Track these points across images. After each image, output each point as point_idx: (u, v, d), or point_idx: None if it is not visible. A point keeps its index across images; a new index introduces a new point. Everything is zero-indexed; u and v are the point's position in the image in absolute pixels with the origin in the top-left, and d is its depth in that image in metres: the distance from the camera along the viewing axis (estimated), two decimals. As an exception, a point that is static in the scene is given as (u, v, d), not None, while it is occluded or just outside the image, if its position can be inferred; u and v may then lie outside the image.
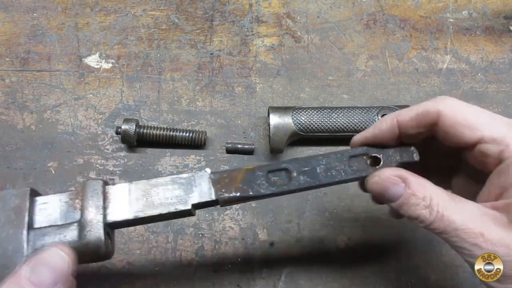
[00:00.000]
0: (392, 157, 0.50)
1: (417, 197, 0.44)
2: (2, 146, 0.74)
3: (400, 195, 0.45)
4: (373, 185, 0.48)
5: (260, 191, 0.49)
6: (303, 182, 0.49)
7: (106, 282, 0.67)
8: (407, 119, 0.47)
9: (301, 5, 0.86)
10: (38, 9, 0.83)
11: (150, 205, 0.48)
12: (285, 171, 0.50)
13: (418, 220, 0.44)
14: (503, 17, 0.86)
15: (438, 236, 0.44)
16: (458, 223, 0.42)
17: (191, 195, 0.48)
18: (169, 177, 0.49)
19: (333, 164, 0.50)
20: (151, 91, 0.78)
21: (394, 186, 0.46)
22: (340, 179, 0.49)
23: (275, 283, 0.67)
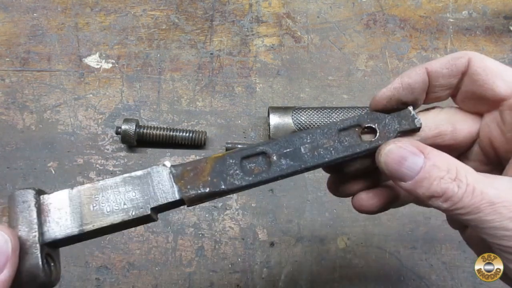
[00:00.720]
0: (389, 126, 0.42)
1: (440, 168, 0.37)
2: (2, 146, 0.74)
3: (419, 168, 0.37)
4: (386, 157, 0.39)
5: (234, 183, 0.41)
6: (286, 167, 0.41)
7: (106, 282, 0.67)
8: (438, 66, 0.41)
9: (301, 5, 0.86)
10: (38, 9, 0.83)
11: (98, 214, 0.39)
12: (263, 155, 0.42)
13: (444, 197, 0.36)
14: (503, 17, 0.86)
15: (465, 219, 0.36)
16: (493, 196, 0.35)
17: (148, 196, 0.40)
18: (120, 176, 0.41)
19: (320, 141, 0.42)
20: (151, 91, 0.78)
21: (412, 157, 0.38)
22: (331, 158, 0.41)
23: (275, 283, 0.67)
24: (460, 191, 0.36)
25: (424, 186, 0.37)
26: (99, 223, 0.39)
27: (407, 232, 0.70)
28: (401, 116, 0.42)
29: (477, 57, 0.40)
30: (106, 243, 0.69)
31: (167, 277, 0.67)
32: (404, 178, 0.38)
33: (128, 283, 0.67)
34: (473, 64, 0.40)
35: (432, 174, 0.37)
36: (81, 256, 0.68)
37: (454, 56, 0.41)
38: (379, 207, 0.45)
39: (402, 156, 0.38)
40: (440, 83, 0.42)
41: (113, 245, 0.69)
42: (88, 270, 0.67)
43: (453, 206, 0.36)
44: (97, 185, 0.40)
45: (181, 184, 0.41)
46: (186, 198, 0.40)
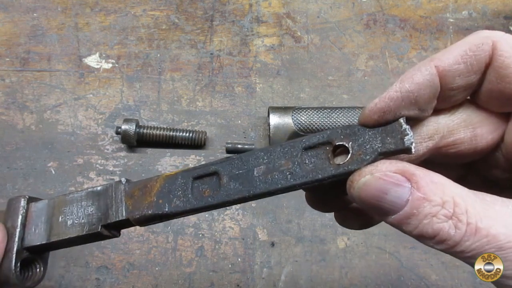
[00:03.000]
0: (367, 145, 0.32)
1: (432, 202, 0.28)
2: (2, 146, 0.74)
3: (404, 202, 0.29)
4: (361, 192, 0.30)
5: (178, 206, 0.37)
6: (233, 192, 0.35)
7: (106, 282, 0.67)
8: (451, 61, 0.30)
9: (301, 5, 0.86)
10: (38, 9, 0.83)
11: (63, 226, 0.40)
12: (216, 176, 0.37)
13: (437, 239, 0.28)
14: (503, 17, 0.86)
15: (468, 262, 0.29)
16: (503, 238, 0.27)
17: (101, 213, 0.39)
18: (85, 190, 0.41)
19: (278, 162, 0.34)
20: (151, 91, 0.78)
21: (395, 189, 0.29)
22: (284, 185, 0.34)
23: (275, 283, 0.67)
24: (458, 234, 0.28)
25: (411, 224, 0.29)
26: (62, 235, 0.40)
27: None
28: (387, 130, 0.32)
29: (503, 40, 0.30)
30: (106, 243, 0.69)
31: (167, 277, 0.67)
32: (385, 214, 0.30)
33: (128, 283, 0.67)
34: (499, 52, 0.30)
35: (421, 210, 0.29)
36: (81, 256, 0.68)
37: (473, 42, 0.30)
38: (364, 223, 0.39)
39: (381, 190, 0.30)
40: (457, 84, 0.31)
41: (113, 245, 0.69)
42: (88, 270, 0.67)
43: (450, 249, 0.29)
44: (67, 197, 0.41)
45: (129, 203, 0.39)
46: (131, 219, 0.38)
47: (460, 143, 0.33)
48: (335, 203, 0.39)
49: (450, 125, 0.33)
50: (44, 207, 0.41)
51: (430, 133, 0.33)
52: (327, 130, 0.34)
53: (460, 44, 0.31)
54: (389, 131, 0.32)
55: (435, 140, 0.33)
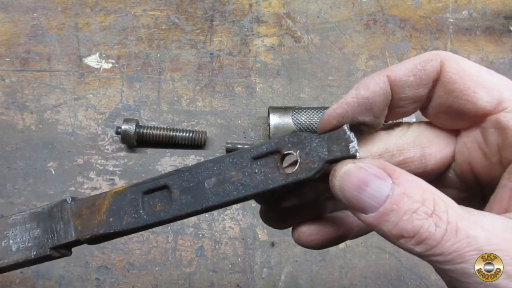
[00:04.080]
0: (314, 153, 0.33)
1: (412, 198, 0.28)
2: (2, 146, 0.74)
3: (385, 197, 0.28)
4: (342, 181, 0.30)
5: (130, 223, 0.36)
6: (185, 206, 0.35)
7: (106, 282, 0.67)
8: (402, 72, 0.32)
9: (301, 5, 0.86)
10: (38, 9, 0.83)
11: (7, 251, 0.39)
12: (167, 189, 0.36)
13: (417, 238, 0.27)
14: (503, 17, 0.86)
15: (443, 269, 0.28)
16: (483, 241, 0.26)
17: (49, 235, 0.38)
18: (28, 211, 0.39)
19: (228, 173, 0.34)
20: (151, 91, 0.78)
21: (377, 182, 0.29)
22: (237, 196, 0.34)
23: (275, 283, 0.67)
24: (438, 232, 0.27)
25: (390, 222, 0.28)
26: (7, 260, 0.38)
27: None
28: (332, 138, 0.32)
29: (451, 59, 0.32)
30: (106, 243, 0.69)
31: (167, 277, 0.67)
32: (364, 209, 0.29)
33: (128, 283, 0.67)
34: (447, 68, 0.32)
35: (401, 205, 0.28)
36: (81, 256, 0.68)
37: (423, 59, 0.32)
38: (324, 243, 0.37)
39: (363, 180, 0.29)
40: (406, 95, 0.33)
41: (113, 245, 0.69)
42: (88, 270, 0.67)
43: (429, 251, 0.27)
44: (9, 220, 0.39)
45: (78, 223, 0.37)
46: (82, 239, 0.37)
47: (410, 162, 0.34)
48: (293, 219, 0.37)
49: (400, 144, 0.34)
50: None
51: (380, 151, 0.34)
52: (275, 139, 0.34)
53: (412, 59, 0.33)
54: (334, 138, 0.33)
55: (385, 158, 0.34)
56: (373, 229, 0.30)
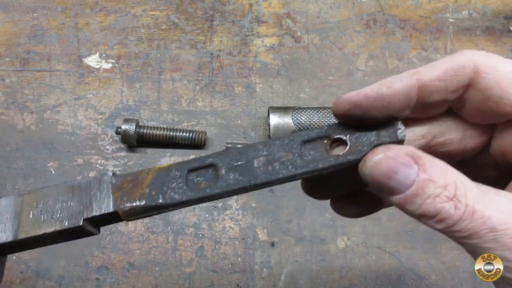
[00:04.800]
0: (364, 138, 0.34)
1: (436, 184, 0.31)
2: (2, 146, 0.74)
3: (411, 182, 0.31)
4: (372, 170, 0.32)
5: (174, 198, 0.36)
6: (233, 182, 0.35)
7: (106, 282, 0.67)
8: (432, 78, 0.32)
9: (301, 5, 0.86)
10: (38, 9, 0.83)
11: (35, 222, 0.37)
12: (212, 168, 0.36)
13: (438, 218, 0.31)
14: (503, 17, 0.86)
15: (462, 243, 0.31)
16: (496, 221, 0.30)
17: (84, 206, 0.37)
18: (63, 183, 0.38)
19: (278, 154, 0.35)
20: (151, 91, 0.78)
21: (404, 169, 0.31)
22: (286, 174, 0.35)
23: (275, 283, 0.67)
24: (457, 213, 0.30)
25: (415, 204, 0.31)
26: (33, 232, 0.37)
27: (407, 232, 0.70)
28: (382, 127, 0.34)
29: (485, 64, 0.32)
30: (106, 243, 0.69)
31: (167, 277, 0.67)
32: (392, 193, 0.32)
33: (128, 283, 0.67)
34: (482, 74, 0.32)
35: (425, 190, 0.31)
36: (81, 256, 0.68)
37: (455, 64, 0.32)
38: (362, 213, 0.41)
39: (391, 169, 0.32)
40: (434, 101, 0.34)
41: (113, 245, 0.69)
42: (88, 270, 0.67)
43: (448, 228, 0.31)
44: (41, 191, 0.38)
45: (117, 196, 0.37)
46: (120, 211, 0.36)
47: (450, 143, 0.36)
48: (332, 191, 0.40)
49: (442, 126, 0.36)
50: (11, 203, 0.38)
51: (423, 133, 0.36)
52: (324, 126, 0.36)
53: (444, 62, 0.33)
54: (383, 124, 0.34)
55: (427, 139, 0.36)
56: (399, 208, 0.32)
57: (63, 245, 0.70)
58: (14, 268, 0.67)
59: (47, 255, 0.67)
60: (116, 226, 0.69)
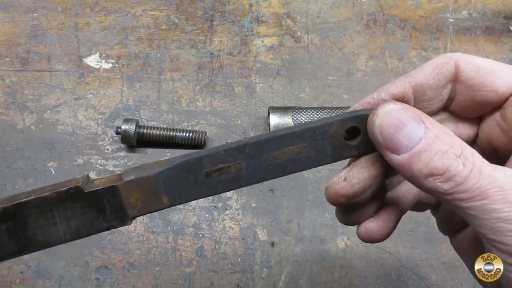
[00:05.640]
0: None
1: (443, 141, 0.31)
2: (2, 146, 0.74)
3: (418, 139, 0.31)
4: (383, 119, 0.33)
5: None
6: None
7: (106, 282, 0.67)
8: (422, 77, 0.35)
9: (301, 5, 0.86)
10: (38, 9, 0.83)
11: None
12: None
13: (446, 175, 0.30)
14: (503, 17, 0.86)
15: (465, 207, 0.30)
16: (504, 181, 0.30)
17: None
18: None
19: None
20: (151, 91, 0.78)
21: (412, 124, 0.32)
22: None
23: (275, 283, 0.67)
24: (465, 170, 0.30)
25: (422, 161, 0.31)
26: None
27: (407, 232, 0.70)
28: None
29: (464, 59, 0.35)
30: (106, 243, 0.69)
31: (167, 277, 0.67)
32: (398, 149, 0.32)
33: (128, 283, 0.67)
34: (462, 68, 0.35)
35: (433, 146, 0.31)
36: (81, 256, 0.68)
37: (437, 63, 0.35)
38: (390, 231, 0.40)
39: (401, 120, 0.32)
40: (429, 97, 0.36)
41: (113, 245, 0.69)
42: (88, 270, 0.67)
43: (455, 188, 0.30)
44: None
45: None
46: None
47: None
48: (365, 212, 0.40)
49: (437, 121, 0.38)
50: None
51: None
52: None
53: (428, 64, 0.36)
54: None
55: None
56: (401, 171, 0.32)
57: (63, 245, 0.70)
58: (14, 268, 0.67)
59: (47, 255, 0.67)
60: (116, 226, 0.69)
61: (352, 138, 0.36)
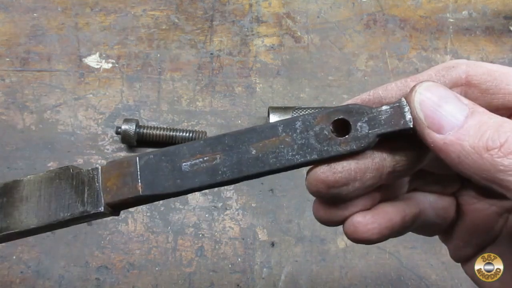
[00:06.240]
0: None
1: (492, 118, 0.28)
2: (2, 146, 0.74)
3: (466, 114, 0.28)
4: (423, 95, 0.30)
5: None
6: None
7: (106, 282, 0.67)
8: (425, 77, 0.32)
9: (301, 5, 0.86)
10: (38, 9, 0.83)
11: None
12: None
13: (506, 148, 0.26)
14: (503, 17, 0.86)
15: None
16: None
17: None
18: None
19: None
20: (151, 91, 0.78)
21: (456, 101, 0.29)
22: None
23: (275, 283, 0.67)
24: None
25: (473, 135, 0.27)
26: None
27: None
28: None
29: (472, 63, 0.33)
30: (106, 243, 0.69)
31: (167, 277, 0.67)
32: (442, 127, 0.28)
33: (128, 283, 0.67)
34: (473, 72, 0.32)
35: (484, 121, 0.27)
36: (81, 256, 0.68)
37: (444, 66, 0.33)
38: (384, 231, 0.34)
39: (443, 96, 0.29)
40: None
41: (113, 245, 0.69)
42: (88, 270, 0.67)
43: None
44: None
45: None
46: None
47: None
48: (352, 207, 0.34)
49: None
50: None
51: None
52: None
53: (435, 66, 0.33)
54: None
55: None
56: (448, 152, 0.28)
57: (63, 245, 0.70)
58: (14, 268, 0.67)
59: (47, 255, 0.67)
60: (116, 226, 0.69)
61: (342, 134, 0.32)
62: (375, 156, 0.32)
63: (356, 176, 0.31)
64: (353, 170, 0.31)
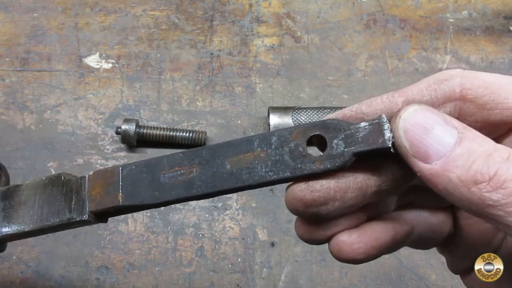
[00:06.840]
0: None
1: (483, 144, 0.26)
2: (2, 146, 0.74)
3: (454, 141, 0.26)
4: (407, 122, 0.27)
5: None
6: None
7: (106, 282, 0.67)
8: (415, 93, 0.30)
9: (301, 5, 0.86)
10: (38, 9, 0.83)
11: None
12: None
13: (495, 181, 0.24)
14: (503, 17, 0.86)
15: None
16: None
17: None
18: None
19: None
20: (151, 91, 0.78)
21: (444, 125, 0.26)
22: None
23: (275, 283, 0.67)
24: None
25: (461, 166, 0.25)
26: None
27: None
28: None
29: (468, 75, 0.30)
30: (106, 243, 0.69)
31: (167, 277, 0.67)
32: (428, 156, 0.26)
33: (128, 283, 0.67)
34: (468, 86, 0.29)
35: (474, 148, 0.25)
36: (81, 256, 0.68)
37: (435, 78, 0.30)
38: (369, 252, 0.33)
39: (429, 122, 0.26)
40: None
41: (113, 245, 0.69)
42: (88, 270, 0.67)
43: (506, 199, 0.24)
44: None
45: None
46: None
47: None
48: (336, 226, 0.33)
49: None
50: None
51: None
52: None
53: (426, 79, 0.31)
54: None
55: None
56: (435, 183, 0.26)
57: (63, 245, 0.70)
58: (14, 268, 0.67)
59: (47, 255, 0.67)
60: (116, 226, 0.69)
61: (323, 149, 0.30)
62: (357, 175, 0.29)
63: (335, 196, 0.29)
64: (333, 189, 0.29)
